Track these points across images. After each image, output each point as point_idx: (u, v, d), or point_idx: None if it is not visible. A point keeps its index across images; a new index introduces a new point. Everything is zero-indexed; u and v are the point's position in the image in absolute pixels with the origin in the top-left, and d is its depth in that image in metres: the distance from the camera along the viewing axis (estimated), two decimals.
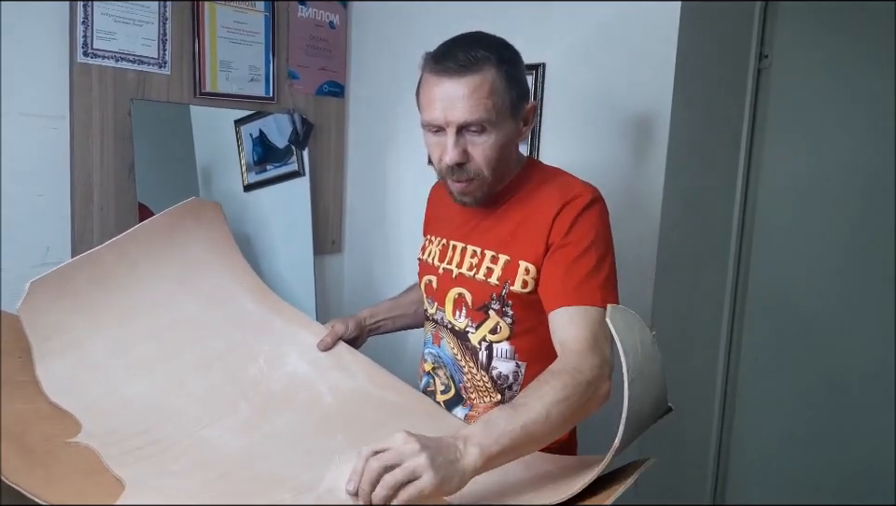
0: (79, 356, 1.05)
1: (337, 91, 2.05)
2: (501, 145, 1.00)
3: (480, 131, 0.98)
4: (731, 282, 1.91)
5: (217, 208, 1.27)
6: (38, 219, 1.50)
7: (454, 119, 0.97)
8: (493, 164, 1.00)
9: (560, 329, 0.95)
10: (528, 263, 1.01)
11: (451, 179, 1.03)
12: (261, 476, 0.90)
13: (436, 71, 0.98)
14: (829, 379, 1.83)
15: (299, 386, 1.11)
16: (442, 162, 1.01)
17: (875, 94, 1.72)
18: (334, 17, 2.00)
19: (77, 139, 1.52)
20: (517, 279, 1.01)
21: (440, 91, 0.97)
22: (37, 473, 0.83)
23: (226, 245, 1.25)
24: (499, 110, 0.98)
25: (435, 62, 0.98)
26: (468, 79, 0.95)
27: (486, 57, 0.97)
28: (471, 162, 1.00)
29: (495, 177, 1.02)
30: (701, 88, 1.59)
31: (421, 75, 1.02)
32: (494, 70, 0.97)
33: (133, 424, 0.97)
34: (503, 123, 0.99)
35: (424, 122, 1.02)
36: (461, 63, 0.95)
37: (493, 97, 0.97)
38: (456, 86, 0.96)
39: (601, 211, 1.01)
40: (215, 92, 1.75)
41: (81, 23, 1.49)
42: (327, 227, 2.07)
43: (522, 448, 0.79)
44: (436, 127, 1.00)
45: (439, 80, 0.97)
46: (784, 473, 1.91)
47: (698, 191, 1.68)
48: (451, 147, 0.98)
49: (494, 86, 0.97)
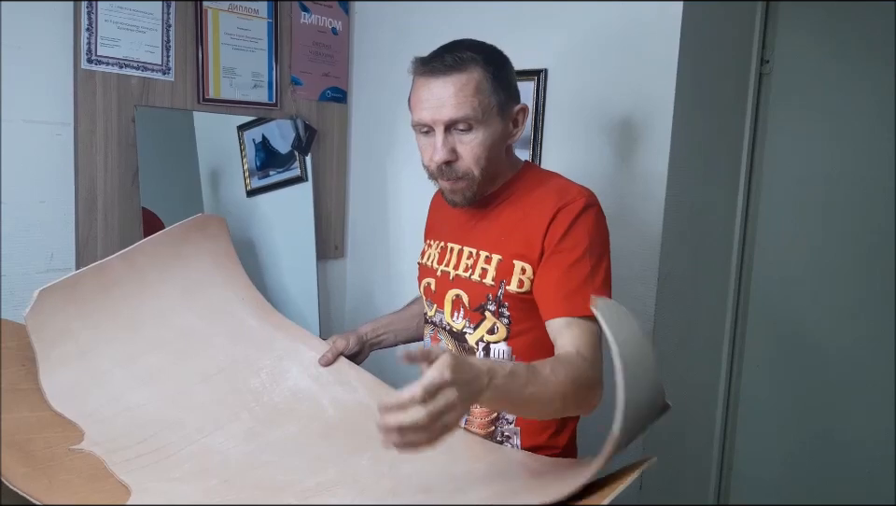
0: (84, 364, 1.05)
1: (340, 97, 2.05)
2: (489, 144, 1.01)
3: (467, 129, 1.00)
4: (733, 288, 1.90)
5: (221, 223, 1.28)
6: (42, 226, 1.50)
7: (440, 118, 0.99)
8: (481, 163, 1.01)
9: (558, 336, 0.96)
10: (524, 263, 1.01)
11: (441, 179, 1.04)
12: (264, 483, 0.90)
13: (423, 73, 1.01)
14: (830, 382, 1.83)
15: (301, 400, 1.11)
16: (432, 162, 1.02)
17: (877, 100, 1.72)
18: (337, 23, 2.01)
19: (80, 146, 1.53)
20: (513, 279, 1.02)
21: (426, 91, 1.00)
22: (40, 479, 0.84)
23: (229, 262, 1.27)
24: (486, 109, 1.00)
25: (423, 64, 1.02)
26: (454, 78, 0.98)
27: (473, 58, 0.99)
28: (460, 161, 1.01)
29: (484, 177, 1.03)
30: (703, 93, 1.59)
31: (412, 80, 1.05)
32: (480, 70, 0.99)
33: (135, 432, 0.97)
34: (490, 122, 1.01)
35: (413, 123, 1.04)
36: (447, 63, 0.99)
37: (479, 95, 0.99)
38: (443, 85, 0.98)
39: (597, 216, 1.01)
40: (218, 99, 1.75)
41: (85, 30, 1.50)
42: (329, 232, 2.08)
43: (514, 409, 0.84)
44: (425, 127, 1.02)
45: (426, 81, 1.00)
46: (786, 474, 1.91)
47: (700, 198, 1.68)
48: (439, 146, 1.00)
49: (480, 85, 0.99)
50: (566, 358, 0.89)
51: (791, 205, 1.85)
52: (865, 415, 1.79)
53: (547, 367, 0.84)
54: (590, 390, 0.90)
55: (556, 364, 0.86)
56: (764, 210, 1.89)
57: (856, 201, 1.77)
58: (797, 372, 1.88)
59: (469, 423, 1.07)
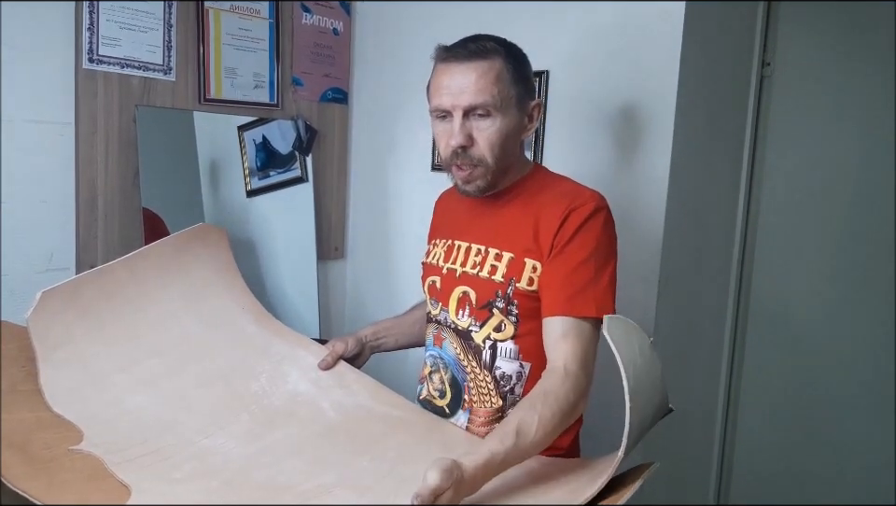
0: (84, 367, 1.06)
1: (340, 98, 2.05)
2: (505, 133, 1.02)
3: (485, 115, 1.01)
4: (734, 288, 1.91)
5: (222, 234, 1.30)
6: (43, 225, 1.50)
7: (459, 103, 1.00)
8: (496, 151, 1.02)
9: (553, 341, 0.98)
10: (535, 261, 1.02)
11: (455, 166, 1.05)
12: (265, 484, 0.90)
13: (445, 59, 1.03)
14: (830, 383, 1.83)
15: (300, 403, 1.11)
16: (448, 147, 1.03)
17: (878, 103, 1.72)
18: (338, 24, 2.01)
19: (81, 145, 1.53)
20: (524, 276, 1.02)
21: (447, 77, 1.01)
22: (40, 479, 0.84)
23: (229, 271, 1.28)
24: (504, 98, 1.01)
25: (445, 51, 1.04)
26: (476, 64, 1.00)
27: (495, 48, 1.01)
28: (475, 147, 1.02)
29: (497, 166, 1.04)
30: (704, 95, 1.59)
31: (433, 66, 1.05)
32: (502, 60, 1.01)
33: (135, 434, 0.97)
34: (508, 112, 1.02)
35: (432, 109, 1.05)
36: (471, 50, 1.01)
37: (499, 84, 1.00)
38: (465, 70, 1.00)
39: (606, 219, 1.02)
40: (219, 99, 1.75)
41: (87, 30, 1.50)
42: (330, 233, 2.08)
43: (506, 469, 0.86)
44: (443, 112, 1.03)
45: (447, 67, 1.02)
46: (786, 475, 1.91)
47: (701, 200, 1.68)
48: (456, 130, 1.01)
49: (501, 75, 1.01)
50: (550, 389, 0.92)
51: (792, 207, 1.85)
52: (865, 417, 1.79)
53: (535, 417, 0.88)
54: (574, 409, 0.93)
55: (543, 406, 0.89)
56: (765, 212, 1.89)
57: (856, 203, 1.77)
58: (797, 373, 1.88)
59: (471, 422, 1.07)
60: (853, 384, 1.80)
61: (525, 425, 0.87)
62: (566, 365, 0.94)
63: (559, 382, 0.93)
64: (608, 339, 0.75)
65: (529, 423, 0.87)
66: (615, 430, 0.74)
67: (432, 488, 0.75)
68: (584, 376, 0.95)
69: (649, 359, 0.78)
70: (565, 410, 0.91)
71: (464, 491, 0.78)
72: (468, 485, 0.79)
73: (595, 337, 0.98)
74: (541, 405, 0.90)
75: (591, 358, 0.97)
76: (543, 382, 0.95)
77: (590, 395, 0.98)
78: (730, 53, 1.75)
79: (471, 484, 0.80)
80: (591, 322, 0.98)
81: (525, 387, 1.04)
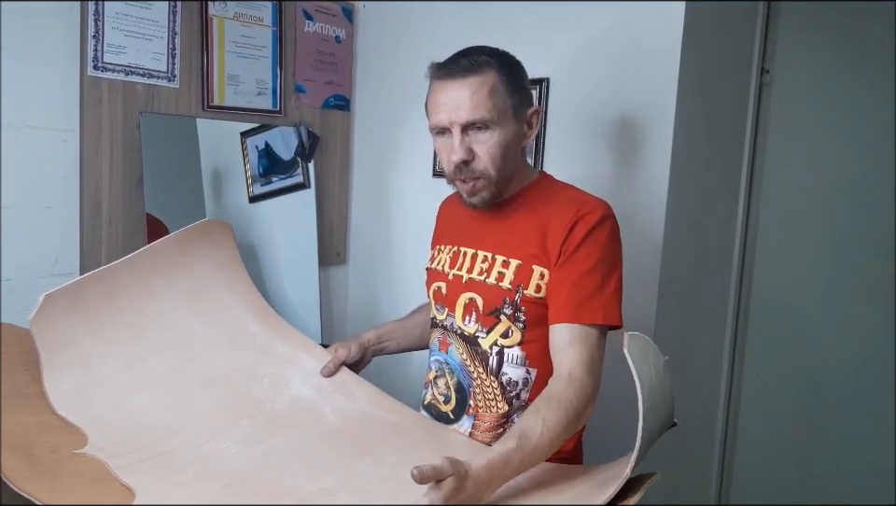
0: (87, 369, 1.06)
1: (343, 105, 2.07)
2: (505, 144, 1.03)
3: (483, 128, 1.02)
4: (733, 293, 1.91)
5: (226, 229, 1.28)
6: (47, 231, 1.51)
7: (457, 119, 1.01)
8: (497, 163, 1.03)
9: (559, 348, 0.99)
10: (543, 268, 1.02)
11: (458, 180, 1.06)
12: (267, 487, 0.91)
13: (440, 76, 1.04)
14: (829, 385, 1.84)
15: (302, 408, 1.12)
16: (450, 163, 1.04)
17: (876, 110, 1.73)
18: (340, 31, 2.02)
19: (86, 152, 1.54)
20: (531, 283, 1.03)
21: (443, 94, 1.02)
22: (43, 481, 0.84)
23: (233, 266, 1.27)
24: (501, 110, 1.02)
25: (439, 68, 1.05)
26: (470, 80, 1.01)
27: (488, 61, 1.02)
28: (477, 160, 1.03)
29: (500, 177, 1.05)
30: (704, 102, 1.60)
31: (429, 84, 1.06)
32: (495, 73, 1.02)
33: (138, 437, 0.98)
34: (506, 123, 1.03)
35: (431, 126, 1.06)
36: (463, 66, 1.01)
37: (494, 97, 1.01)
38: (460, 87, 1.01)
39: (613, 228, 1.03)
40: (222, 106, 1.77)
41: (92, 37, 1.51)
42: (332, 239, 2.09)
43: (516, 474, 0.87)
44: (443, 129, 1.04)
45: (443, 84, 1.03)
46: (786, 475, 1.91)
47: (701, 206, 1.69)
48: (456, 146, 1.02)
49: (495, 87, 1.01)
50: (556, 395, 0.93)
51: (791, 213, 1.86)
52: (865, 417, 1.79)
53: (540, 422, 0.89)
54: (581, 415, 0.94)
55: (548, 412, 0.90)
56: (765, 218, 1.90)
57: (856, 209, 1.78)
58: (797, 375, 1.89)
59: (475, 427, 1.08)
60: (853, 387, 1.81)
61: (531, 430, 0.87)
62: (571, 371, 0.95)
63: (565, 388, 0.93)
64: (627, 357, 0.77)
65: (534, 428, 0.88)
66: (615, 431, 0.75)
67: (434, 466, 0.76)
68: (591, 383, 0.96)
69: (662, 378, 0.81)
70: (570, 416, 0.91)
71: (469, 488, 0.79)
72: (472, 482, 0.79)
73: (601, 344, 0.99)
74: (547, 411, 0.90)
75: (597, 365, 0.98)
76: (549, 388, 0.95)
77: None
78: (729, 60, 1.76)
79: (475, 483, 0.80)
80: (597, 329, 0.98)
81: (532, 393, 1.05)
